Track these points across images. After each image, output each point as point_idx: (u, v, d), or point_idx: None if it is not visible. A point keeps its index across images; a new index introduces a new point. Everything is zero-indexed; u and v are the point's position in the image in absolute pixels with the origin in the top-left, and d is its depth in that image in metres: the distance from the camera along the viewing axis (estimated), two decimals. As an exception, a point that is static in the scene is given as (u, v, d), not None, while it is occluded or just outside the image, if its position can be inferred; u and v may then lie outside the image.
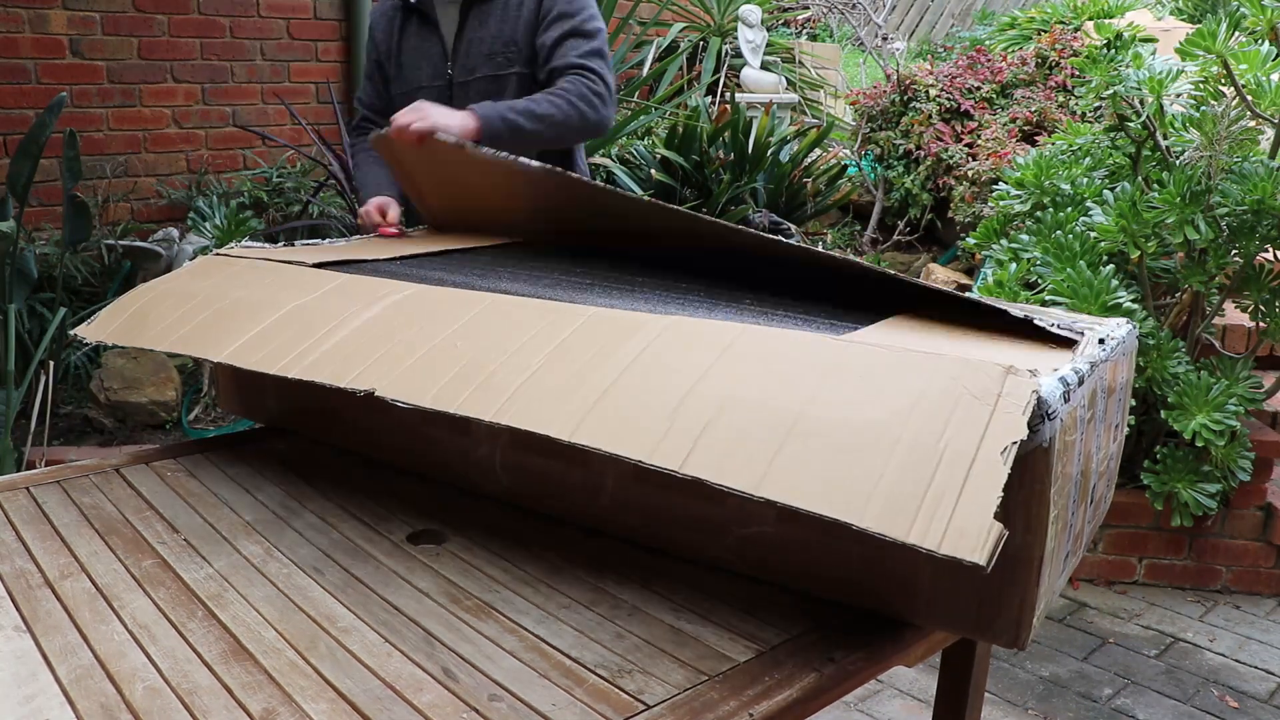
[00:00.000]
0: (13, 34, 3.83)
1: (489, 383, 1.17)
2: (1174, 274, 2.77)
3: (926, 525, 0.93)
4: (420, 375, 1.22)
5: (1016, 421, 0.98)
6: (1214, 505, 2.77)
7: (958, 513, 0.92)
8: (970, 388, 1.02)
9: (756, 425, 1.03)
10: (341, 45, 4.72)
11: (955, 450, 0.97)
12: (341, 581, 1.24)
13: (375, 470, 1.57)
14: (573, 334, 1.22)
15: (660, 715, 1.00)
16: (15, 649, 1.07)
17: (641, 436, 1.05)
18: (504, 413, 1.13)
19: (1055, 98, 4.58)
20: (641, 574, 1.28)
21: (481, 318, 1.30)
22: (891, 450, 0.98)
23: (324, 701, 1.00)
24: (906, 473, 0.96)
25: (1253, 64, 2.51)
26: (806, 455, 1.00)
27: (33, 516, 1.38)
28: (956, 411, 1.00)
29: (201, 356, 1.42)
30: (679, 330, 1.19)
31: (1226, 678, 2.55)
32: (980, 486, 0.94)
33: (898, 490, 0.95)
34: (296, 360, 1.31)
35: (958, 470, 0.95)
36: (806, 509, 0.96)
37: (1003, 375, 1.03)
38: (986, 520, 0.91)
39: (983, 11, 6.26)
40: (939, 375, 1.04)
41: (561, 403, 1.11)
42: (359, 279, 1.53)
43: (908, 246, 5.14)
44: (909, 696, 2.42)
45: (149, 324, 1.52)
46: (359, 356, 1.28)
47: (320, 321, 1.38)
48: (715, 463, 1.02)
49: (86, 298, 3.84)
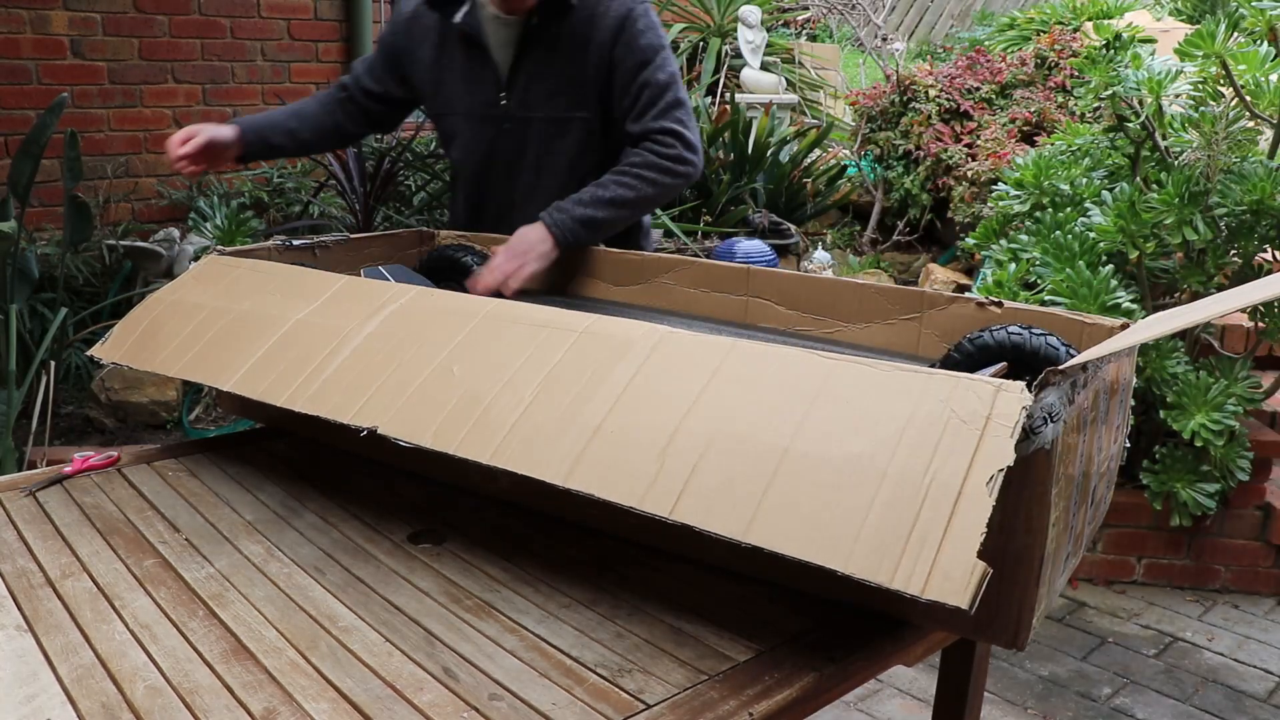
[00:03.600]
0: (14, 34, 3.83)
1: (485, 418, 1.20)
2: (1173, 274, 2.78)
3: (910, 569, 0.94)
4: (419, 409, 1.25)
5: (1004, 447, 0.98)
6: (1213, 505, 2.78)
7: (941, 554, 0.93)
8: (958, 411, 1.02)
9: (743, 464, 1.05)
10: (342, 46, 4.72)
11: (941, 483, 0.98)
12: (342, 581, 1.24)
13: (376, 470, 1.57)
14: (564, 357, 1.24)
15: (660, 715, 1.00)
16: (16, 648, 1.07)
17: (632, 481, 1.08)
18: (500, 455, 1.16)
19: (1054, 98, 4.59)
20: (642, 574, 1.29)
21: (474, 338, 1.32)
22: (877, 487, 0.99)
23: (325, 701, 1.00)
24: (891, 512, 0.97)
25: (1251, 64, 2.51)
26: (793, 496, 1.01)
27: (34, 516, 1.38)
28: (944, 439, 1.00)
29: (210, 383, 1.45)
30: (668, 350, 1.20)
31: (1225, 677, 2.55)
32: (964, 524, 0.94)
33: (882, 532, 0.97)
34: (301, 390, 1.34)
35: (943, 507, 0.96)
36: (792, 555, 0.98)
37: (992, 395, 1.02)
38: (970, 560, 0.92)
39: (982, 12, 6.27)
40: (927, 398, 1.05)
41: (555, 444, 1.14)
42: (355, 280, 1.53)
43: (907, 247, 5.14)
44: (909, 696, 2.43)
45: (159, 344, 1.54)
46: (360, 386, 1.31)
47: (321, 340, 1.40)
48: (703, 508, 1.04)
49: (87, 298, 3.85)
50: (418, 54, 2.03)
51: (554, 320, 1.30)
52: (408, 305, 1.42)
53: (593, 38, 1.90)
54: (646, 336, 1.23)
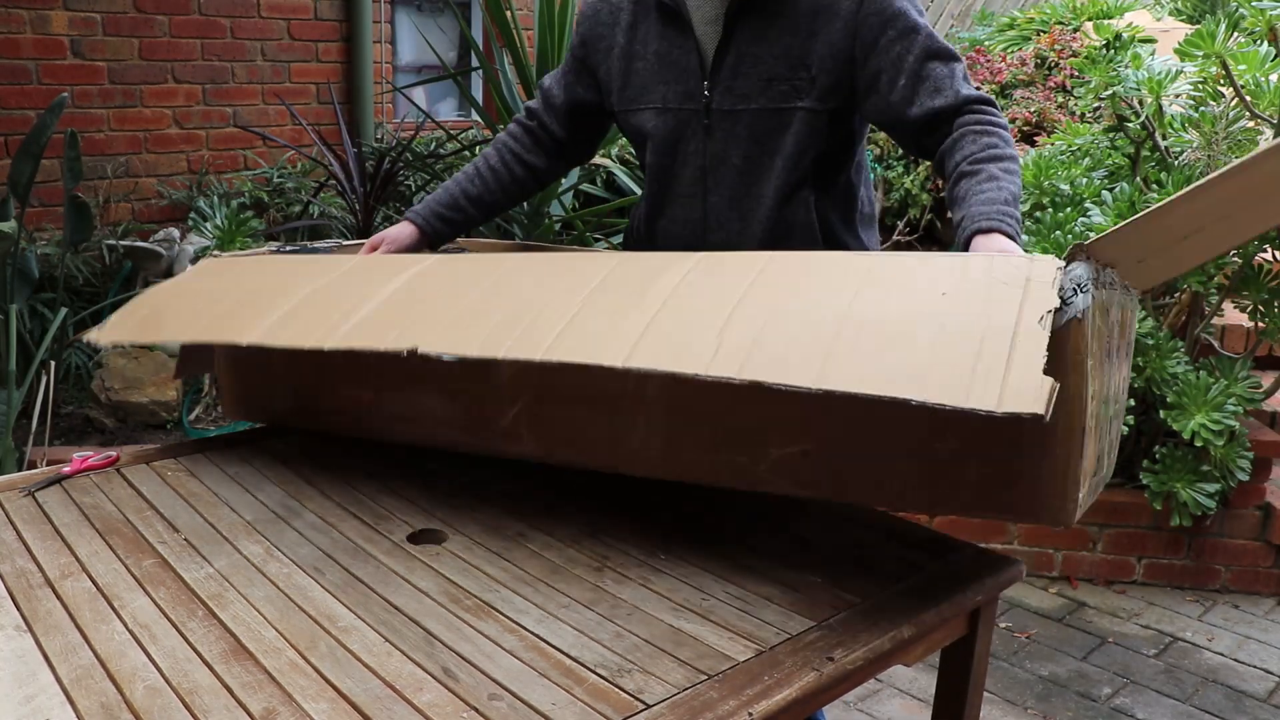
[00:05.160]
0: (14, 34, 3.83)
1: (531, 329, 1.17)
2: (1173, 274, 2.78)
3: (984, 389, 0.98)
4: (459, 330, 1.21)
5: (1048, 295, 1.04)
6: (1213, 505, 2.77)
7: (1010, 375, 0.98)
8: (1000, 276, 1.09)
9: (805, 329, 1.08)
10: (342, 45, 4.72)
11: (996, 325, 1.03)
12: (342, 581, 1.24)
13: (376, 470, 1.57)
14: (604, 279, 1.23)
15: (660, 714, 1.00)
16: (16, 648, 1.07)
17: (694, 355, 1.08)
18: (553, 351, 1.13)
19: (1054, 98, 4.59)
20: (641, 573, 1.29)
21: (509, 277, 1.31)
22: (938, 333, 1.04)
23: (324, 701, 1.00)
24: (956, 349, 1.02)
25: (1251, 64, 2.51)
26: (859, 347, 1.05)
27: (33, 516, 1.38)
28: (991, 295, 1.07)
29: (229, 341, 1.38)
30: (709, 264, 1.23)
31: (1225, 677, 2.55)
32: (1026, 350, 1.00)
33: (951, 365, 1.01)
34: (329, 333, 1.28)
35: (1002, 341, 1.01)
36: (870, 393, 1.00)
37: (1027, 264, 1.10)
38: (1038, 377, 0.97)
39: (982, 12, 6.26)
40: (969, 271, 1.12)
41: (608, 337, 1.13)
42: (377, 258, 1.52)
43: (907, 247, 5.14)
44: (908, 696, 2.42)
45: (165, 321, 1.49)
46: (392, 323, 1.27)
47: (346, 298, 1.35)
48: (772, 365, 1.05)
49: (88, 298, 3.85)
50: (606, 40, 1.70)
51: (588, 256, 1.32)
52: (434, 266, 1.41)
53: (830, 4, 1.54)
54: (685, 258, 1.25)
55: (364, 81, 4.75)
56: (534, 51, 3.68)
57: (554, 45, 3.54)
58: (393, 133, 4.85)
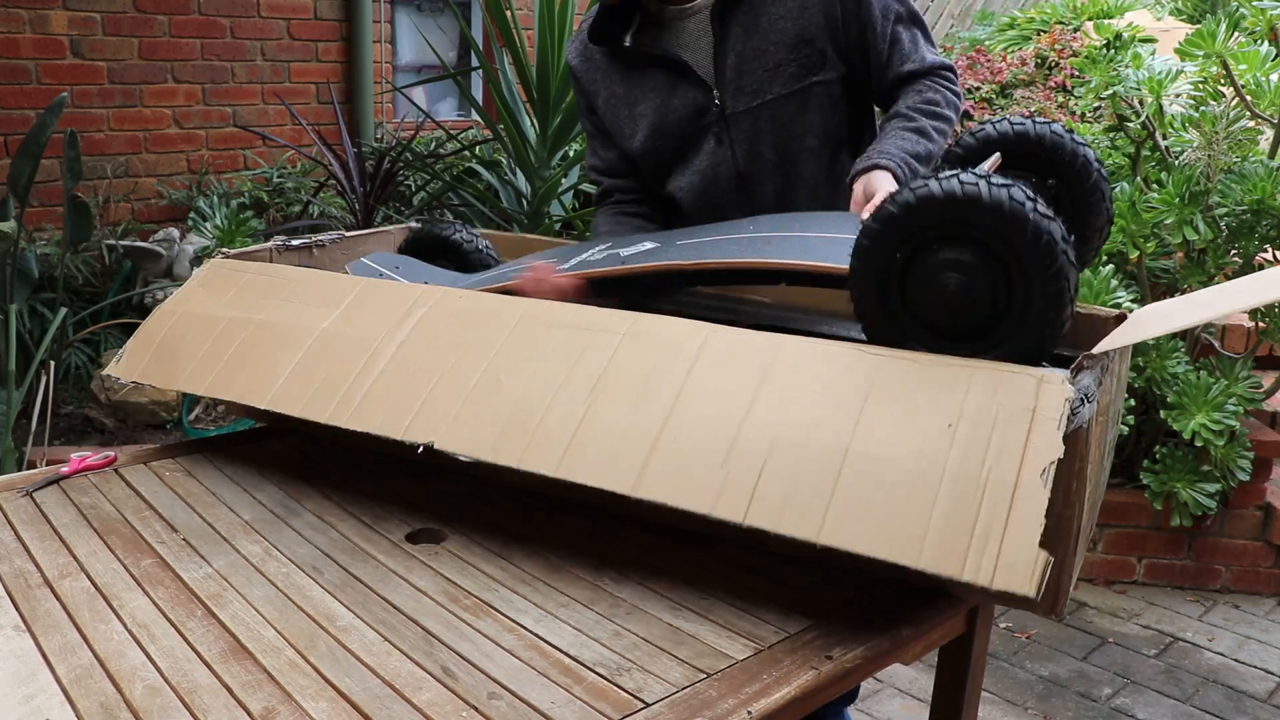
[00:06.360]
0: (13, 34, 3.83)
1: (542, 429, 1.23)
2: (1173, 274, 2.78)
3: (978, 561, 1.00)
4: (472, 422, 1.27)
5: (1053, 440, 1.03)
6: (1213, 505, 2.77)
7: (1005, 546, 0.99)
8: (1006, 404, 1.07)
9: (807, 467, 1.10)
10: (342, 45, 4.72)
11: (997, 479, 1.03)
12: (340, 581, 1.24)
13: (374, 470, 1.57)
14: (611, 362, 1.25)
15: (659, 713, 1.00)
16: (15, 648, 1.07)
17: (700, 490, 1.12)
18: (563, 467, 1.19)
19: (1055, 98, 4.58)
20: (640, 572, 1.28)
21: (515, 343, 1.32)
22: (938, 485, 1.05)
23: (324, 700, 1.00)
24: (954, 508, 1.03)
25: (1252, 64, 2.51)
26: (858, 498, 1.06)
27: (31, 516, 1.38)
28: (994, 434, 1.06)
29: (243, 403, 1.44)
30: (715, 350, 1.22)
31: (1226, 677, 2.55)
32: (1023, 516, 1.00)
33: (947, 528, 1.02)
34: (344, 405, 1.35)
35: (1001, 501, 1.02)
36: (868, 555, 1.04)
37: (1035, 387, 1.07)
38: (1033, 551, 0.98)
39: (982, 12, 6.26)
40: (975, 392, 1.09)
41: (617, 455, 1.17)
42: (374, 284, 1.52)
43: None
44: (908, 696, 2.42)
45: (179, 361, 1.53)
46: (405, 398, 1.32)
47: (354, 351, 1.40)
48: (774, 512, 1.09)
49: (87, 298, 3.85)
50: (603, 95, 1.72)
51: (593, 322, 1.31)
52: (436, 309, 1.42)
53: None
54: (690, 337, 1.24)
55: (364, 81, 4.75)
56: (534, 51, 3.67)
57: (554, 45, 3.54)
58: (393, 132, 4.85)
